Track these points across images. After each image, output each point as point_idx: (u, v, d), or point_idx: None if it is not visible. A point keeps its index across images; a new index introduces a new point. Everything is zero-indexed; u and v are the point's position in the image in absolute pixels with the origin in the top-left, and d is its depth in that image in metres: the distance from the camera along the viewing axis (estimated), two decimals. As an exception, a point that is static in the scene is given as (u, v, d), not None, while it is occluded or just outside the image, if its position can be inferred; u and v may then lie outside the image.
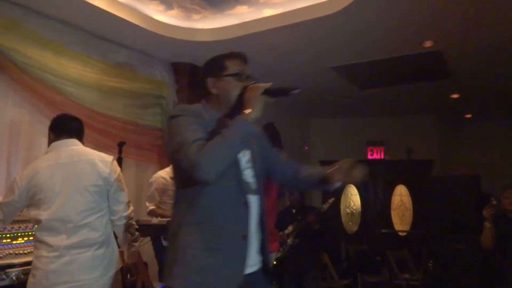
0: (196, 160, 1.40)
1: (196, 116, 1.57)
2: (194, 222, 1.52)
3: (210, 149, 1.43)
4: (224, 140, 1.45)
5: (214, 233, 1.51)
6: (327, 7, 3.75)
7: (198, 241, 1.50)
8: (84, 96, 4.00)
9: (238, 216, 1.55)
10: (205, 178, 1.43)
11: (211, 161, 1.42)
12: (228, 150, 1.47)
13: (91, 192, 2.19)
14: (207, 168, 1.42)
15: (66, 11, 3.73)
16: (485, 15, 3.66)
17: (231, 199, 1.55)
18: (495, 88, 5.75)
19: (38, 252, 2.13)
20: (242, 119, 1.49)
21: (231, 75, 1.64)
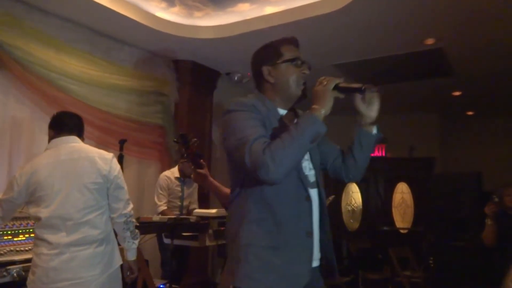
0: (262, 160, 1.32)
1: (254, 111, 1.46)
2: (255, 219, 1.44)
3: (278, 148, 1.33)
4: (293, 140, 1.34)
5: (277, 230, 1.42)
6: (329, 4, 3.75)
7: (261, 239, 1.42)
8: (86, 93, 4.01)
9: (301, 211, 1.48)
10: (272, 178, 1.34)
11: (279, 161, 1.32)
12: (297, 151, 1.36)
13: (90, 189, 2.18)
14: (274, 169, 1.32)
15: (69, 8, 3.74)
16: (487, 12, 3.65)
17: (293, 194, 1.47)
18: (497, 86, 5.74)
19: (38, 249, 2.12)
20: (312, 117, 1.38)
21: (288, 61, 1.55)
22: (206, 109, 5.39)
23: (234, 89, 5.75)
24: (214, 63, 5.14)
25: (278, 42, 1.61)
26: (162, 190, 4.22)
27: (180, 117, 5.09)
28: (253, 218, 1.44)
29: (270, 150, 1.33)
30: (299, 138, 1.34)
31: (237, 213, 1.50)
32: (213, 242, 3.46)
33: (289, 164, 1.35)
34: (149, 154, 4.73)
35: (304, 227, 1.47)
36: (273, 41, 1.62)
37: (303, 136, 1.35)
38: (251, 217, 1.45)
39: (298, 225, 1.45)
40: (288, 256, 1.42)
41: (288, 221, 1.44)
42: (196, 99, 5.23)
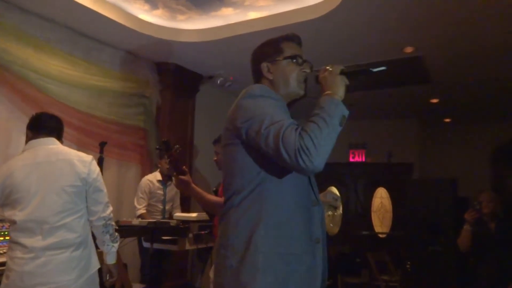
0: (302, 144, 1.21)
1: (279, 100, 1.41)
2: (275, 224, 1.33)
3: (316, 131, 1.23)
4: (326, 121, 1.25)
5: (293, 237, 1.34)
6: (311, 11, 3.80)
7: (279, 247, 1.32)
8: (66, 94, 3.96)
9: (312, 217, 1.41)
10: (314, 165, 1.23)
11: (319, 144, 1.22)
12: (333, 133, 1.26)
13: (68, 192, 2.14)
14: (316, 153, 1.22)
15: (50, 8, 3.69)
16: (464, 22, 3.75)
17: (305, 198, 1.41)
18: (473, 94, 5.89)
19: (13, 253, 2.07)
20: (335, 100, 1.31)
21: (288, 58, 1.51)
22: (188, 112, 5.38)
23: (216, 92, 5.76)
24: (196, 66, 5.14)
25: (279, 39, 1.57)
26: (143, 194, 4.19)
27: (162, 120, 5.07)
28: (272, 223, 1.33)
29: (307, 133, 1.24)
30: (330, 120, 1.26)
31: (248, 216, 1.35)
32: (193, 246, 3.46)
33: (328, 147, 1.25)
34: (130, 156, 4.69)
35: (314, 234, 1.41)
36: (274, 38, 1.57)
37: (332, 118, 1.27)
38: (269, 222, 1.33)
39: (308, 231, 1.39)
40: (307, 265, 1.35)
41: (301, 227, 1.37)
42: (178, 101, 5.21)
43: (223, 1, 3.88)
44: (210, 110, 5.80)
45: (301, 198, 1.40)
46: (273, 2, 3.87)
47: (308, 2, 3.81)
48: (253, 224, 1.33)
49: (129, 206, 4.50)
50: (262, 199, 1.35)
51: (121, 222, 3.12)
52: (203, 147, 5.43)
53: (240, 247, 1.33)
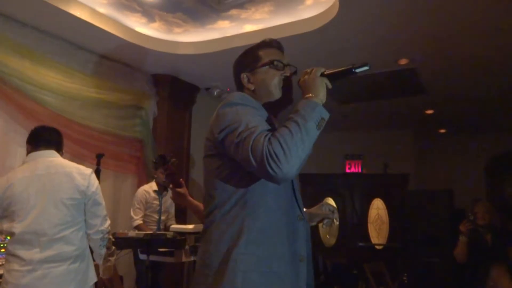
0: (270, 149, 1.14)
1: (257, 108, 1.35)
2: (256, 240, 1.26)
3: (286, 136, 1.16)
4: (299, 126, 1.19)
5: (275, 255, 1.27)
6: (306, 24, 3.85)
7: (263, 264, 1.24)
8: (63, 106, 3.97)
9: (296, 233, 1.34)
10: (283, 172, 1.15)
11: (289, 150, 1.15)
12: (306, 138, 1.19)
13: (67, 205, 2.15)
14: (285, 159, 1.14)
15: (47, 20, 3.72)
16: (457, 34, 3.80)
17: (288, 213, 1.33)
18: (467, 105, 5.94)
19: (10, 265, 2.07)
20: (312, 102, 1.25)
21: (266, 65, 1.44)
22: (185, 123, 5.39)
23: (213, 104, 5.78)
24: (193, 78, 5.17)
25: (256, 46, 1.51)
26: (139, 204, 4.19)
27: (159, 131, 5.08)
28: (253, 239, 1.26)
29: (276, 138, 1.17)
30: (304, 124, 1.19)
31: (229, 232, 1.27)
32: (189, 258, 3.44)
33: (299, 153, 1.17)
34: (126, 167, 4.69)
35: (298, 251, 1.33)
36: (252, 46, 1.52)
37: (307, 122, 1.20)
38: (250, 238, 1.25)
39: (292, 248, 1.32)
40: (289, 283, 1.28)
41: (284, 243, 1.30)
42: (175, 113, 5.23)
43: (219, 14, 3.92)
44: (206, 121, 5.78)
45: (285, 212, 1.33)
46: (269, 16, 3.92)
47: (303, 15, 3.86)
48: (233, 240, 1.26)
49: (126, 217, 4.48)
50: (244, 214, 1.28)
51: (118, 234, 3.10)
52: (200, 159, 5.42)
53: (219, 265, 1.26)
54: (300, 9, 3.79)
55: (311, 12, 3.81)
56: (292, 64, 1.50)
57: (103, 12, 3.88)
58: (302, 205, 1.42)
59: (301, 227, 1.36)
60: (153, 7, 3.84)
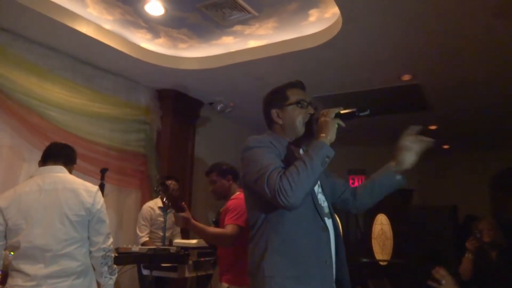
0: (280, 185, 1.43)
1: (270, 146, 1.60)
2: (278, 250, 1.52)
3: (294, 174, 1.45)
4: (306, 165, 1.46)
5: (299, 261, 1.51)
6: (310, 40, 3.88)
7: (284, 270, 1.50)
8: (68, 121, 4.00)
9: (320, 241, 1.57)
10: (290, 202, 1.44)
11: (295, 185, 1.43)
12: (311, 174, 1.46)
13: (72, 221, 2.14)
14: (292, 193, 1.43)
15: (53, 37, 3.77)
16: (460, 50, 3.83)
17: (311, 224, 1.57)
18: (471, 121, 5.94)
19: (13, 281, 2.06)
20: (321, 143, 1.51)
21: (294, 104, 1.71)
22: (189, 138, 5.41)
23: (217, 118, 5.81)
24: (197, 93, 5.20)
25: (284, 86, 1.77)
26: (144, 221, 4.16)
27: (163, 146, 5.09)
28: (276, 249, 1.52)
29: (286, 176, 1.45)
30: (312, 163, 1.46)
31: (259, 246, 1.57)
32: (193, 273, 3.42)
33: (305, 187, 1.46)
34: (130, 182, 4.69)
35: (323, 257, 1.56)
36: (280, 86, 1.78)
37: (313, 161, 1.46)
38: (273, 248, 1.53)
39: (317, 254, 1.54)
40: (310, 286, 1.50)
41: (308, 251, 1.52)
42: (179, 128, 5.25)
43: (223, 30, 3.96)
44: (210, 136, 5.83)
45: (307, 226, 1.55)
46: (273, 31, 3.96)
47: (307, 31, 3.90)
48: (261, 252, 1.55)
49: (129, 232, 4.47)
50: (267, 231, 1.56)
51: (121, 249, 3.09)
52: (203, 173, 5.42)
53: (253, 273, 1.57)
54: (303, 25, 3.83)
55: (314, 28, 3.85)
56: (313, 102, 1.76)
57: (109, 28, 3.94)
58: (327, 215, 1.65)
59: (325, 237, 1.59)
60: (158, 23, 3.89)
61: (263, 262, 1.52)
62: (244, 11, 3.59)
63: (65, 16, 3.53)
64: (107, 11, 3.69)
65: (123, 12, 3.71)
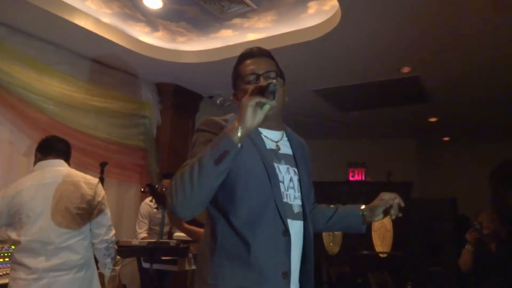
0: (168, 188, 1.18)
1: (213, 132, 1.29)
2: (227, 255, 1.26)
3: (183, 174, 1.16)
4: (196, 163, 1.15)
5: (251, 269, 1.23)
6: (309, 33, 3.87)
7: (231, 278, 1.24)
8: (67, 115, 4.00)
9: (278, 247, 1.27)
10: (175, 211, 1.18)
11: (176, 190, 1.16)
12: (197, 176, 1.14)
13: (73, 214, 2.16)
14: (173, 199, 1.16)
15: (52, 31, 3.76)
16: (460, 42, 3.82)
17: (270, 228, 1.27)
18: (471, 112, 5.93)
19: (16, 274, 2.08)
20: (222, 134, 1.17)
21: (243, 81, 1.40)
22: (188, 131, 5.41)
23: (216, 112, 5.79)
24: (196, 86, 5.19)
25: (237, 62, 1.46)
26: (143, 218, 4.19)
27: (162, 140, 5.10)
28: (224, 253, 1.26)
29: (174, 179, 1.18)
30: (203, 163, 1.14)
31: (206, 245, 1.31)
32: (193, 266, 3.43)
33: (185, 192, 1.15)
34: (130, 176, 4.69)
35: (281, 266, 1.27)
36: (236, 62, 1.48)
37: (203, 158, 1.15)
38: (221, 252, 1.26)
39: (273, 263, 1.26)
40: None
41: (263, 258, 1.24)
42: (178, 121, 5.25)
43: (222, 23, 3.95)
44: (210, 130, 5.82)
45: (262, 228, 1.26)
46: (272, 24, 3.94)
47: (306, 24, 3.88)
48: (208, 252, 1.29)
49: (129, 225, 4.48)
50: (216, 228, 1.29)
51: (121, 242, 3.10)
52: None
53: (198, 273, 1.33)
54: (302, 18, 3.81)
55: (313, 21, 3.83)
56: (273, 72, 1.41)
57: (107, 22, 3.92)
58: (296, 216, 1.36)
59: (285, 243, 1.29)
60: (157, 17, 3.87)
61: (209, 265, 1.26)
62: (242, 4, 3.57)
63: (63, 10, 3.52)
64: (106, 4, 3.68)
65: (121, 6, 3.69)
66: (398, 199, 1.51)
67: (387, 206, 1.49)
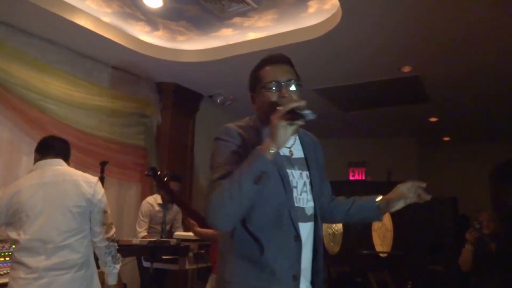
0: (208, 205, 1.25)
1: (235, 140, 1.35)
2: (242, 256, 1.34)
3: (222, 193, 1.23)
4: (235, 182, 1.22)
5: (263, 271, 1.31)
6: (310, 32, 3.86)
7: (246, 278, 1.32)
8: (67, 114, 3.99)
9: (289, 251, 1.33)
10: (214, 225, 1.29)
11: (220, 209, 1.23)
12: (237, 195, 1.22)
13: (73, 213, 2.16)
14: (213, 215, 1.25)
15: (52, 30, 3.76)
16: (460, 41, 3.81)
17: (281, 233, 1.33)
18: (472, 112, 5.93)
19: (15, 273, 2.07)
20: (255, 154, 1.23)
21: (263, 87, 1.41)
22: (189, 131, 5.41)
23: (216, 111, 5.79)
24: (197, 85, 5.19)
25: (258, 66, 1.48)
26: (143, 217, 4.18)
27: (162, 139, 5.09)
28: (240, 255, 1.34)
29: (212, 195, 1.25)
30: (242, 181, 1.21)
31: (225, 246, 1.40)
32: (193, 265, 3.44)
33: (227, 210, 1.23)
34: (130, 175, 4.69)
35: (291, 270, 1.33)
36: (255, 66, 1.49)
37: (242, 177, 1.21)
38: (237, 253, 1.35)
39: (285, 267, 1.32)
40: None
41: (275, 262, 1.31)
42: (179, 121, 5.25)
43: (222, 22, 3.94)
44: (210, 129, 5.82)
45: (277, 232, 1.33)
46: (272, 23, 3.94)
47: (306, 23, 3.88)
48: (226, 253, 1.38)
49: (130, 225, 4.48)
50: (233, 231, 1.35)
51: (121, 241, 3.10)
52: (203, 166, 5.44)
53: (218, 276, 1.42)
54: (303, 17, 3.81)
55: (314, 20, 3.83)
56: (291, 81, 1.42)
57: (107, 21, 3.92)
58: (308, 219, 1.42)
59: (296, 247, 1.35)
60: (157, 16, 3.87)
61: (227, 264, 1.36)
62: (243, 3, 3.57)
63: (63, 9, 3.52)
64: (106, 3, 3.68)
65: (122, 5, 3.69)
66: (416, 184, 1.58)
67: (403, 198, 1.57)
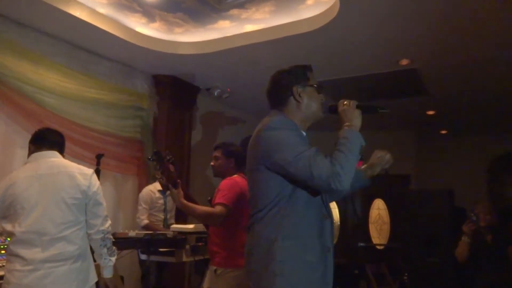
0: (333, 170, 1.45)
1: (297, 130, 1.62)
2: (291, 236, 1.53)
3: (343, 160, 1.48)
4: (350, 152, 1.50)
5: (308, 247, 1.54)
6: (307, 24, 3.84)
7: (296, 255, 1.52)
8: (63, 107, 3.97)
9: (324, 229, 1.61)
10: (344, 187, 1.47)
11: (347, 171, 1.47)
12: (355, 161, 1.52)
13: (69, 205, 2.16)
14: (345, 177, 1.46)
15: (47, 21, 3.72)
16: (459, 35, 3.80)
17: (317, 212, 1.60)
18: (469, 105, 5.93)
19: (11, 265, 2.07)
20: (354, 134, 1.57)
21: (314, 86, 1.72)
22: (186, 124, 5.39)
23: (214, 104, 5.78)
24: (194, 78, 5.16)
25: (304, 67, 1.76)
26: (145, 204, 4.22)
27: (159, 132, 5.07)
28: (288, 235, 1.53)
29: (337, 161, 1.48)
30: (354, 151, 1.52)
31: (269, 230, 1.55)
32: (190, 258, 3.43)
33: (352, 173, 1.50)
34: (127, 168, 4.68)
35: (327, 245, 1.60)
36: (300, 65, 1.76)
37: (354, 148, 1.52)
38: (286, 234, 1.53)
39: (322, 242, 1.58)
40: (321, 271, 1.55)
41: (315, 238, 1.57)
42: (176, 114, 5.23)
43: (220, 14, 3.91)
44: (207, 122, 5.81)
45: (314, 213, 1.59)
46: (270, 15, 3.91)
47: (304, 15, 3.86)
48: (273, 236, 1.53)
49: (127, 218, 4.48)
50: (280, 216, 1.55)
51: (118, 234, 3.10)
52: (201, 159, 5.43)
53: (262, 256, 1.55)
54: (300, 9, 3.79)
55: (312, 12, 3.81)
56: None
57: (103, 12, 3.88)
58: (329, 207, 1.68)
59: (327, 224, 1.62)
60: (153, 7, 3.84)
61: (275, 246, 1.52)
62: (240, -6, 3.54)
63: (58, 0, 3.47)
64: (101, -6, 3.64)
65: (118, -4, 3.66)
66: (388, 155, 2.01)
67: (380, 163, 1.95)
